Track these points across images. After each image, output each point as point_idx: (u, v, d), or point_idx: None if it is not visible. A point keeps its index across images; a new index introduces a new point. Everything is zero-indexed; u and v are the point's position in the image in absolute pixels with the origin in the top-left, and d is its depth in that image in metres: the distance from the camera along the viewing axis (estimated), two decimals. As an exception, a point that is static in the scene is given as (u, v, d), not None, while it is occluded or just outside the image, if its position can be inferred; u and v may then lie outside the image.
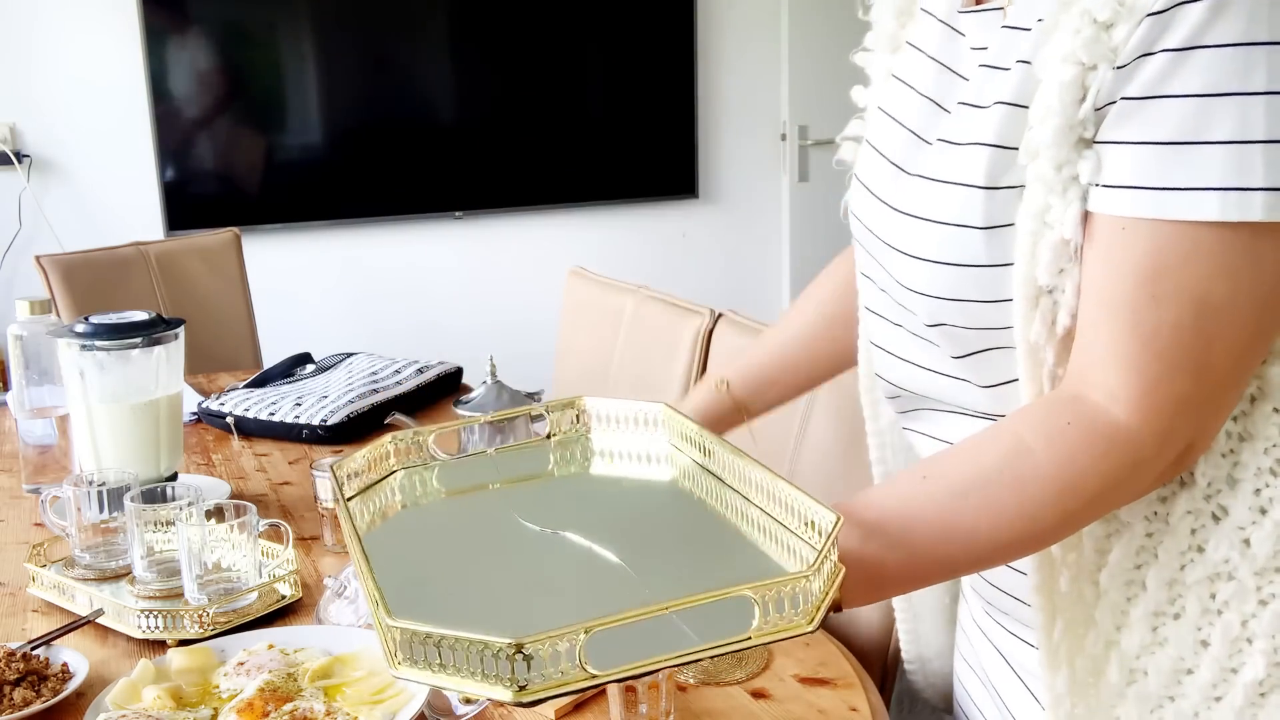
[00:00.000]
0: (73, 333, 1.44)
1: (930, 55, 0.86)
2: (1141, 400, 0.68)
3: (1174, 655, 0.76)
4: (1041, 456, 0.70)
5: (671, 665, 0.58)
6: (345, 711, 0.94)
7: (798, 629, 0.61)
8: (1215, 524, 0.74)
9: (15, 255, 3.26)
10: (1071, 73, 0.69)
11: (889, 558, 0.69)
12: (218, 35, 3.43)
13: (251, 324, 2.67)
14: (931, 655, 1.07)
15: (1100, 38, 0.67)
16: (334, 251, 3.66)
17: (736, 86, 4.06)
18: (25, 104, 3.28)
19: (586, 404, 0.91)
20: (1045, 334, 0.73)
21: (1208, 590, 0.75)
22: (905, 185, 0.83)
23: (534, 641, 0.55)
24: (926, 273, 0.78)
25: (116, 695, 0.98)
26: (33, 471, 1.57)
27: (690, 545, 0.78)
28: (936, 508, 0.70)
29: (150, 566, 1.18)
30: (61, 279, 2.41)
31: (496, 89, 3.74)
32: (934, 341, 0.82)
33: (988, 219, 0.74)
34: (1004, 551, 0.74)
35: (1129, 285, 0.68)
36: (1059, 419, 0.70)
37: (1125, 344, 0.68)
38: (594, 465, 0.90)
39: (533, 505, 0.84)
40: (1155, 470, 0.71)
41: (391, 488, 0.87)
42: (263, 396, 1.89)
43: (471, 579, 0.75)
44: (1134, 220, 0.68)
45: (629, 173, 3.99)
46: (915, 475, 0.73)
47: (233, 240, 2.69)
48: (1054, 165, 0.70)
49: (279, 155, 3.57)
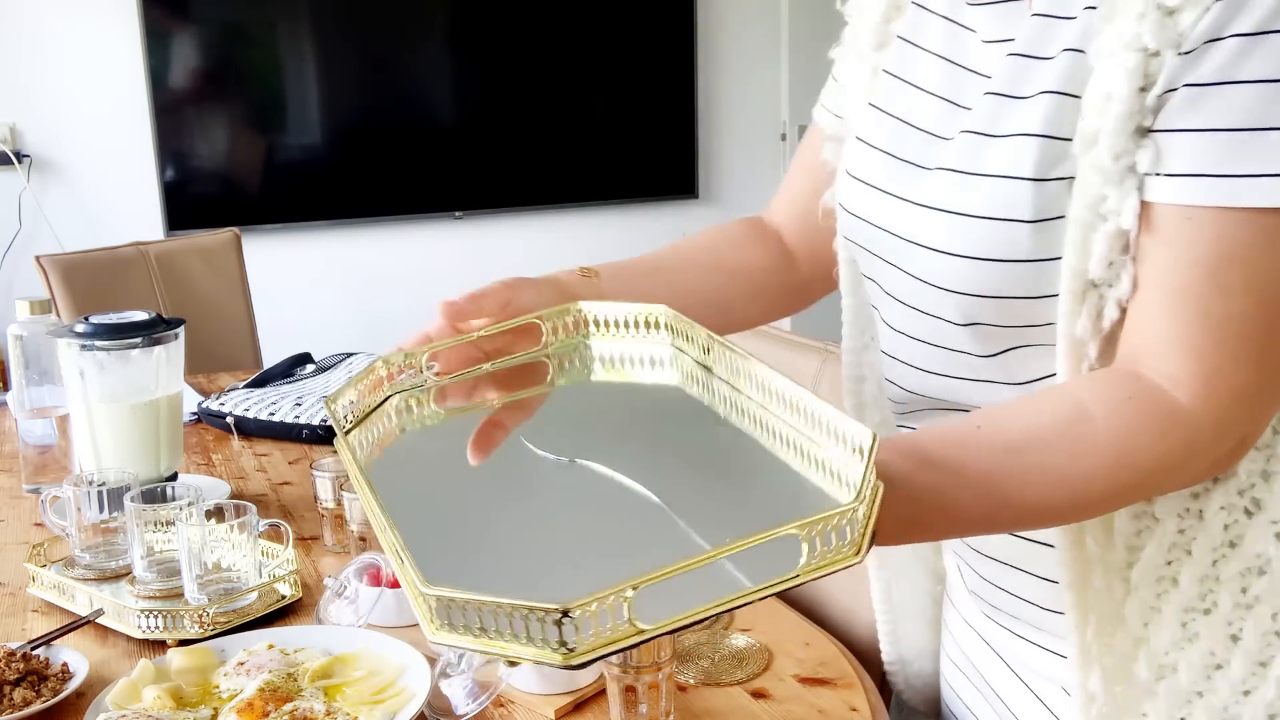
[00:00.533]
0: (73, 333, 1.44)
1: (935, 53, 0.85)
2: (1203, 387, 0.67)
3: (1204, 650, 0.76)
4: (1101, 425, 0.68)
5: (721, 611, 0.55)
6: (345, 711, 0.94)
7: (845, 561, 0.58)
8: (1249, 518, 0.74)
9: (15, 255, 3.26)
10: (1134, 59, 0.67)
11: (927, 498, 0.66)
12: (218, 35, 3.43)
13: (251, 324, 2.67)
14: (912, 657, 1.06)
15: (1165, 23, 0.66)
16: (334, 251, 3.66)
17: (736, 86, 4.07)
18: (25, 104, 3.28)
19: (583, 308, 0.86)
20: (1091, 329, 0.72)
21: (1239, 585, 0.74)
22: (924, 178, 0.81)
23: (581, 605, 0.52)
24: (964, 270, 0.76)
25: (116, 695, 0.98)
26: (33, 471, 1.57)
27: (714, 465, 0.74)
28: (989, 458, 0.68)
29: (150, 566, 1.18)
30: (61, 279, 2.41)
31: (496, 89, 3.75)
32: (956, 346, 0.80)
33: (1036, 212, 0.72)
34: (1046, 515, 0.72)
35: (1195, 274, 0.67)
36: (1120, 391, 0.69)
37: (1189, 332, 0.67)
38: (595, 373, 0.85)
39: (538, 424, 0.80)
40: (1210, 458, 0.71)
41: (388, 414, 0.82)
42: (263, 396, 1.89)
43: (492, 522, 0.71)
44: (1200, 209, 0.66)
45: (629, 173, 3.99)
46: (969, 423, 0.70)
47: (233, 240, 2.69)
48: (1112, 155, 0.68)
49: (279, 155, 3.57)
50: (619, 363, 0.86)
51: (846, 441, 0.63)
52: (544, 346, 0.86)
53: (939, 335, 0.81)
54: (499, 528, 0.69)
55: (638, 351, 0.85)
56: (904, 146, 0.84)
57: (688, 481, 0.71)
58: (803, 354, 1.61)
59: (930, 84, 0.84)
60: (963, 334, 0.79)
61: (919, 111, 0.84)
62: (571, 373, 0.85)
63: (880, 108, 0.87)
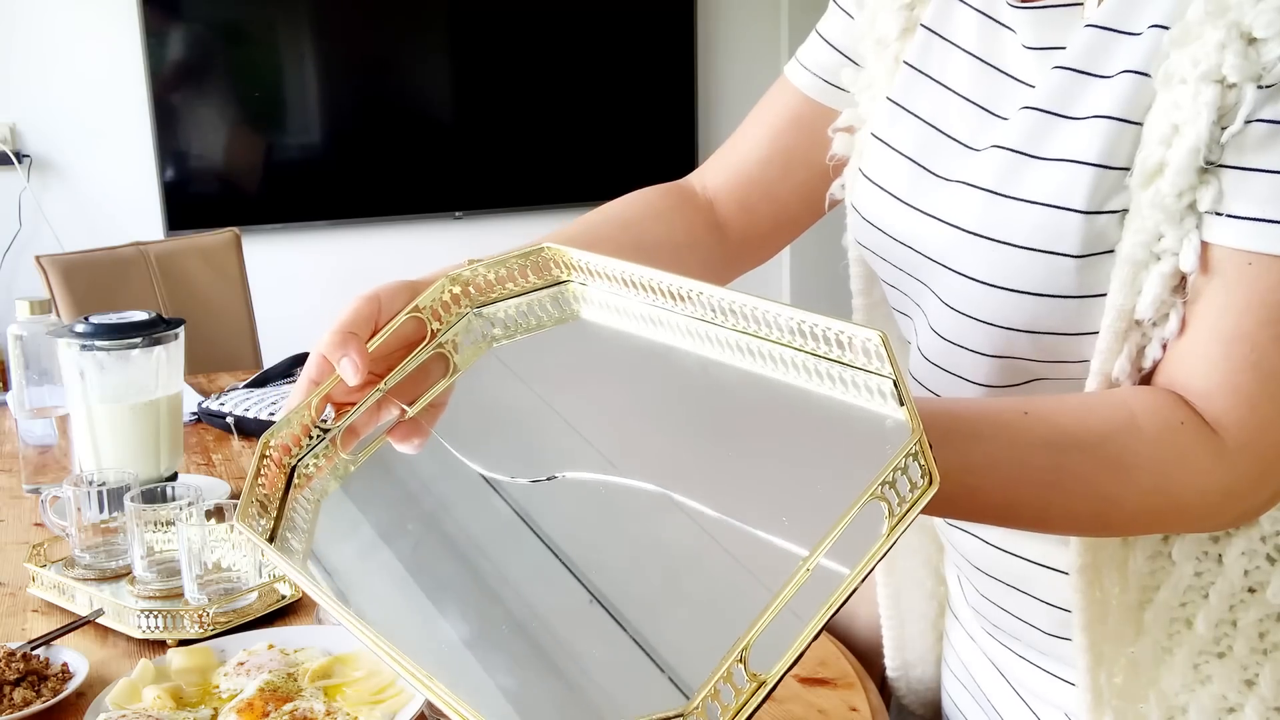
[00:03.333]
0: (73, 333, 1.44)
1: (966, 49, 0.78)
2: (1251, 437, 0.64)
3: (1217, 694, 0.74)
4: (1150, 443, 0.64)
5: (833, 614, 0.47)
6: (345, 711, 0.94)
7: (925, 497, 0.51)
8: (1271, 565, 0.72)
9: (15, 255, 3.26)
10: (1212, 92, 0.62)
11: (956, 472, 0.59)
12: (217, 35, 3.43)
13: (251, 324, 2.67)
14: (914, 661, 1.05)
15: (1249, 54, 0.61)
16: (334, 251, 3.66)
17: (736, 85, 4.06)
18: (25, 104, 3.28)
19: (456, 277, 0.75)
20: (1130, 368, 0.68)
21: (1257, 630, 0.72)
22: (952, 194, 0.75)
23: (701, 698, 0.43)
24: (1001, 300, 0.71)
25: (116, 695, 0.98)
26: (33, 471, 1.57)
27: (702, 417, 0.62)
28: (1028, 449, 0.63)
29: (150, 566, 1.18)
30: (61, 279, 2.41)
31: (496, 89, 3.74)
32: (980, 380, 0.75)
33: (1084, 246, 0.67)
34: (1070, 522, 0.68)
35: (1252, 322, 0.63)
36: (1174, 415, 0.65)
37: (1240, 381, 0.64)
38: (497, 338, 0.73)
39: (485, 436, 0.69)
40: (1242, 508, 0.68)
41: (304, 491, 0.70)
42: (263, 396, 1.89)
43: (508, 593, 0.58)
44: (1264, 256, 0.62)
45: (629, 173, 3.99)
46: (1016, 407, 0.65)
47: (233, 240, 2.69)
48: (1175, 191, 0.63)
49: (279, 155, 3.57)
50: (523, 319, 0.73)
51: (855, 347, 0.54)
52: (431, 338, 0.74)
53: (965, 366, 0.76)
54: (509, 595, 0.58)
55: (539, 300, 0.73)
56: (929, 154, 0.78)
57: (689, 450, 0.60)
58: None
59: (959, 84, 0.78)
60: (989, 365, 0.74)
61: (946, 114, 0.78)
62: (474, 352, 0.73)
63: (900, 104, 0.81)
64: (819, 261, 3.89)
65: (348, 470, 0.71)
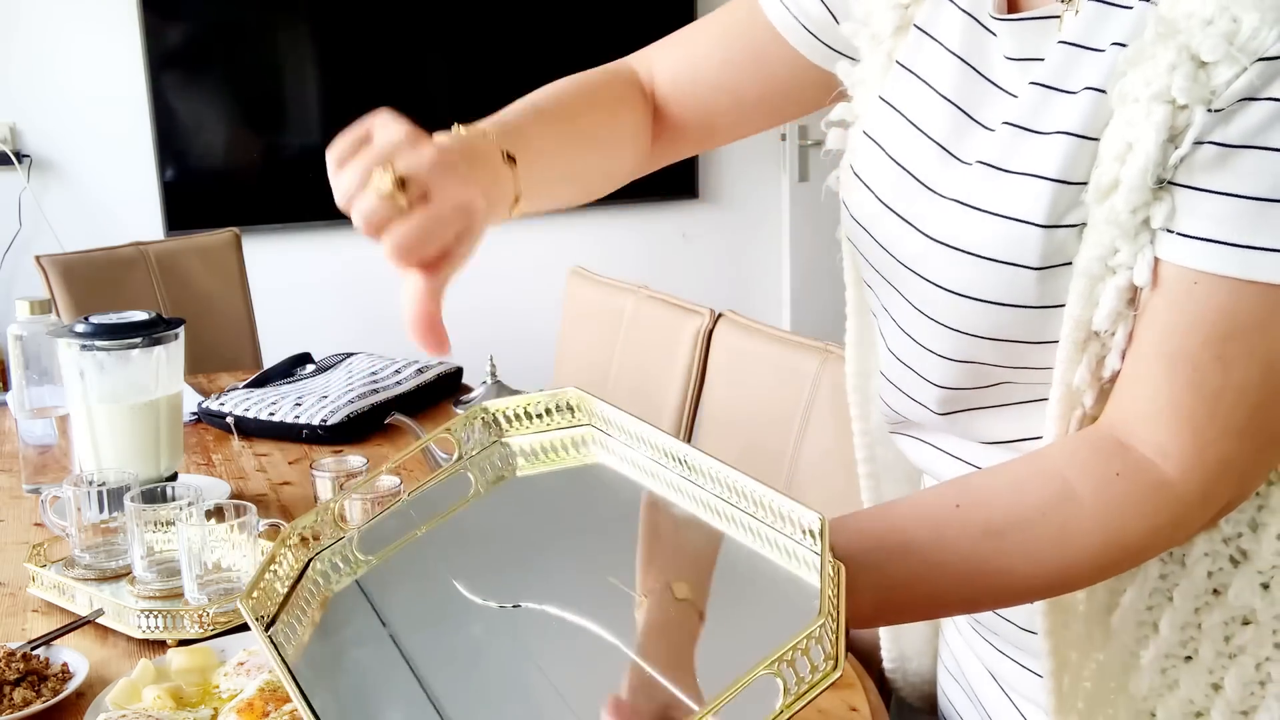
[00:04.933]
0: (73, 333, 1.44)
1: (951, 50, 0.78)
2: (1193, 460, 0.65)
3: (1184, 698, 0.74)
4: (1088, 506, 0.65)
5: None
6: (345, 711, 0.94)
7: (826, 680, 0.53)
8: (1234, 567, 0.72)
9: (15, 255, 3.26)
10: (1162, 112, 0.62)
11: (902, 587, 0.64)
12: (217, 35, 3.43)
13: (251, 324, 2.67)
14: (911, 655, 1.05)
15: (1199, 77, 0.61)
16: (334, 251, 3.66)
17: (736, 86, 4.07)
18: (25, 104, 3.28)
19: (490, 408, 0.81)
20: (1090, 378, 0.68)
21: (1223, 634, 0.72)
22: (937, 208, 0.75)
23: None
24: (963, 309, 0.72)
25: (116, 695, 0.98)
26: (33, 471, 1.57)
27: None
28: (970, 541, 0.65)
29: (150, 566, 1.18)
30: (61, 279, 2.41)
31: (495, 89, 3.74)
32: (946, 383, 0.77)
33: (1044, 259, 0.68)
34: (1030, 595, 0.70)
35: (1195, 342, 0.64)
36: (1108, 467, 0.66)
37: (1183, 401, 0.64)
38: (520, 469, 0.80)
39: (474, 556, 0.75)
40: (1196, 527, 0.69)
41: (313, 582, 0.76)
42: (263, 396, 1.89)
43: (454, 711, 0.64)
44: (1209, 276, 0.63)
45: (629, 173, 3.99)
46: (947, 500, 0.67)
47: (233, 240, 2.69)
48: (1129, 208, 0.64)
49: (279, 155, 3.57)
50: (541, 455, 0.79)
51: (795, 523, 0.60)
52: (459, 460, 0.80)
53: (930, 368, 0.78)
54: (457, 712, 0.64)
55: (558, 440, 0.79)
56: (914, 159, 0.78)
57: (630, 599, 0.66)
58: (803, 354, 1.61)
59: (942, 85, 0.78)
60: (954, 369, 0.76)
61: (929, 115, 0.78)
62: (493, 474, 0.80)
63: (890, 102, 0.82)
64: (817, 261, 3.89)
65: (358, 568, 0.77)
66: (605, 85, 0.95)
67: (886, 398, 0.85)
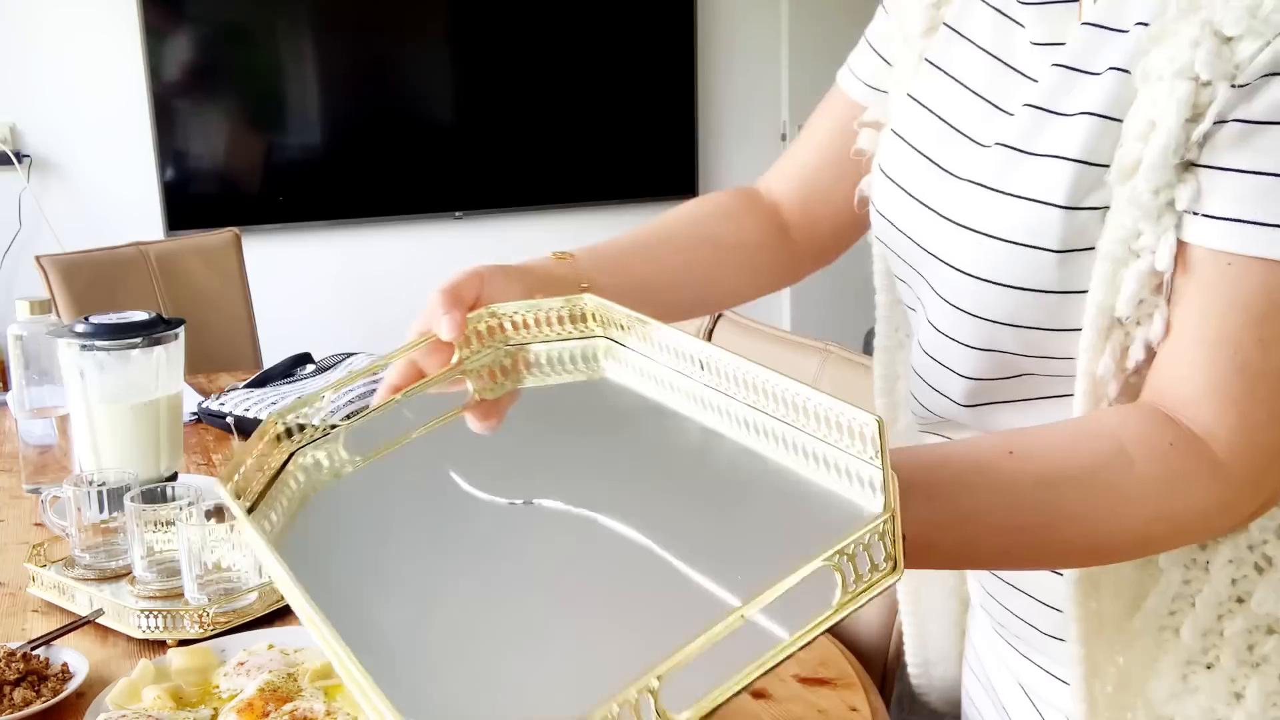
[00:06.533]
0: (73, 333, 1.44)
1: (980, 46, 0.78)
2: (1242, 443, 0.63)
3: (1204, 705, 0.73)
4: (1141, 472, 0.63)
5: (762, 675, 0.46)
6: (345, 711, 0.94)
7: (884, 581, 0.50)
8: (1259, 575, 0.71)
9: (15, 255, 3.26)
10: (1185, 89, 0.61)
11: (949, 527, 0.60)
12: (217, 35, 3.43)
13: (251, 324, 2.67)
14: (937, 659, 1.04)
15: (1222, 52, 0.61)
16: (334, 251, 3.66)
17: (736, 86, 4.07)
18: (25, 104, 3.28)
19: (497, 311, 0.77)
20: (1114, 368, 0.67)
21: (1246, 642, 0.71)
22: (955, 190, 0.75)
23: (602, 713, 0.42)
24: (985, 294, 0.71)
25: (116, 695, 0.98)
26: (33, 471, 1.57)
27: (695, 477, 0.63)
28: (1019, 491, 0.62)
29: (150, 566, 1.18)
30: (61, 279, 2.41)
31: (496, 89, 3.74)
32: (971, 373, 0.76)
33: (1064, 242, 0.67)
34: (1065, 557, 0.68)
35: (1234, 325, 0.63)
36: (1162, 436, 0.64)
37: (1227, 385, 0.63)
38: (524, 382, 0.75)
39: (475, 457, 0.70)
40: (1239, 515, 0.67)
41: (295, 476, 0.71)
42: (263, 396, 1.89)
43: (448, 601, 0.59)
44: (1241, 257, 0.62)
45: (629, 173, 3.99)
46: (999, 447, 0.64)
47: (233, 240, 2.69)
48: (1151, 188, 0.63)
49: (279, 155, 3.57)
50: (550, 366, 0.76)
51: (849, 430, 0.55)
52: (457, 364, 0.76)
53: (955, 358, 0.77)
54: (458, 608, 0.59)
55: (569, 351, 0.76)
56: (941, 150, 0.78)
57: (669, 504, 0.61)
58: (803, 354, 1.61)
59: (972, 80, 0.78)
60: (977, 358, 0.75)
61: (958, 110, 0.78)
62: (497, 387, 0.75)
63: (919, 100, 0.82)
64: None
65: (343, 471, 0.73)
66: (715, 199, 1.00)
67: (916, 393, 0.84)
